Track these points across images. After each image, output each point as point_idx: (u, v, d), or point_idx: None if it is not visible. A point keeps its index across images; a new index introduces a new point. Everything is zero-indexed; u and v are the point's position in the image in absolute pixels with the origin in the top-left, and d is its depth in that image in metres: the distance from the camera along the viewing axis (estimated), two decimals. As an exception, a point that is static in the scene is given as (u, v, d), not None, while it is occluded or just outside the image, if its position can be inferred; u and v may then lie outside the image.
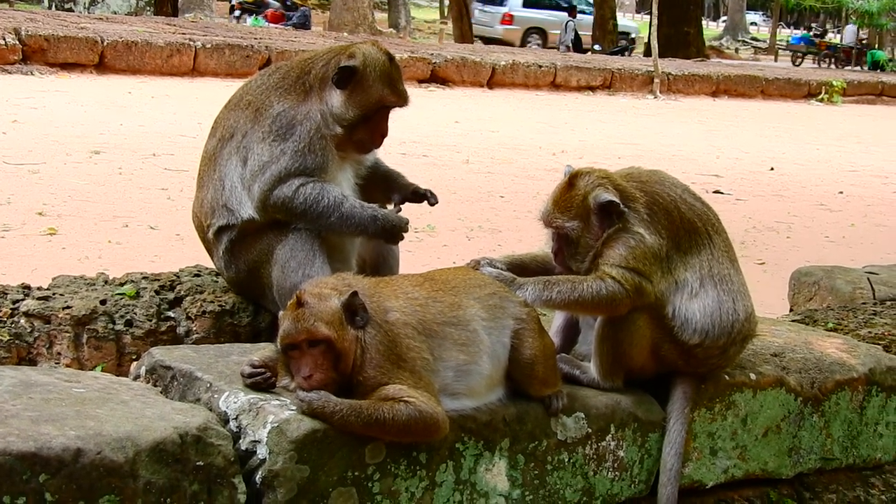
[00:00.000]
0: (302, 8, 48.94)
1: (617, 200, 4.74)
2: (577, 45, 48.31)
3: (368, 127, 5.43)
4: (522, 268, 5.00)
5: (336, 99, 5.36)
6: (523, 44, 52.34)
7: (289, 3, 49.82)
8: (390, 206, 5.68)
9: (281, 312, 4.11)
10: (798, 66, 58.02)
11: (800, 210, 15.97)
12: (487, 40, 51.07)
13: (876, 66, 54.11)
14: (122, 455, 3.61)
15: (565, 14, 51.84)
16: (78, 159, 14.39)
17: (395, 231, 5.40)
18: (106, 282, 5.69)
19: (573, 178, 4.85)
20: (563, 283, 4.70)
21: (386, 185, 5.73)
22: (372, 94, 5.39)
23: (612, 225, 4.75)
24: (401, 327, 4.14)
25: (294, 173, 5.27)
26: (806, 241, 13.71)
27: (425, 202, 5.74)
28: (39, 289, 5.53)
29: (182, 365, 4.38)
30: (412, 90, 5.67)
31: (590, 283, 4.68)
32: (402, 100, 5.50)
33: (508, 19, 55.73)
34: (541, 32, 55.99)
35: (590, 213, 4.77)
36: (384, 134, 5.53)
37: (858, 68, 55.47)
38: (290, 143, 5.29)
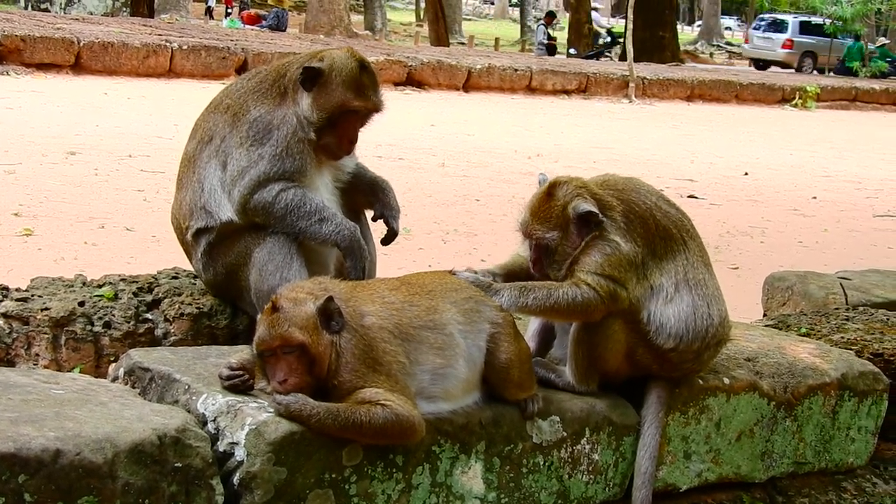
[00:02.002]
0: (275, 9, 48.84)
1: (596, 211, 4.77)
2: (551, 50, 48.37)
3: (336, 132, 5.41)
4: (514, 275, 5.04)
5: (305, 102, 5.36)
6: (799, 67, 58.64)
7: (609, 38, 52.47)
8: (370, 213, 5.72)
9: (258, 316, 4.14)
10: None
11: (773, 215, 16.02)
12: (766, 63, 60.75)
13: (848, 70, 54.05)
14: (101, 456, 3.63)
15: (835, 40, 56.93)
16: (54, 160, 14.35)
17: (362, 254, 5.40)
18: (84, 283, 5.69)
19: (551, 188, 4.88)
20: (539, 290, 4.73)
21: (372, 194, 5.71)
22: (335, 96, 5.35)
23: (591, 233, 4.79)
24: (377, 331, 4.17)
25: (273, 178, 5.29)
26: (779, 246, 13.76)
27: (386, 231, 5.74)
28: (18, 290, 5.53)
29: (160, 367, 4.40)
30: (387, 93, 5.65)
31: (565, 289, 4.71)
32: (367, 103, 5.43)
33: (789, 44, 61.49)
34: (812, 56, 61.08)
35: (569, 223, 4.80)
36: (352, 140, 5.49)
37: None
38: (267, 147, 5.31)
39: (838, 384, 5.62)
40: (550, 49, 48.27)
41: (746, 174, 20.02)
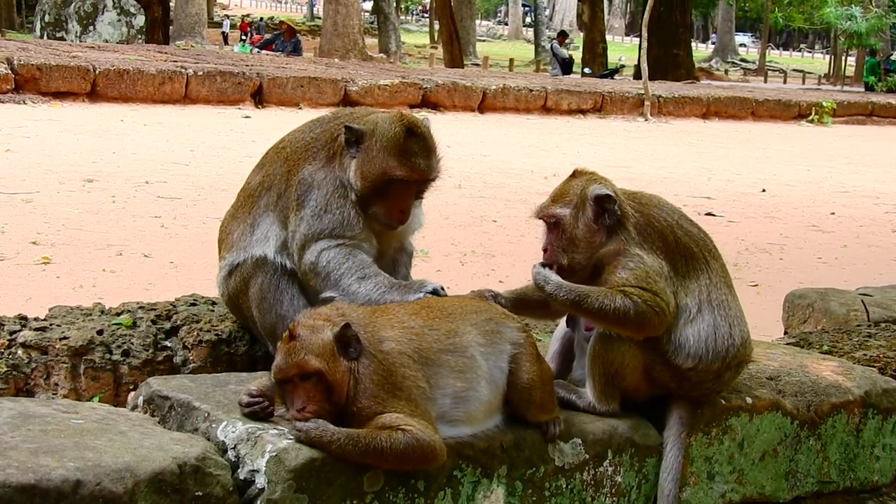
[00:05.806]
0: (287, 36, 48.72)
1: (613, 196, 4.76)
2: (566, 66, 48.16)
3: (385, 202, 5.06)
4: (525, 301, 5.03)
5: (351, 167, 5.07)
6: None
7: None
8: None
9: (278, 344, 4.13)
10: None
11: (792, 231, 15.98)
12: None
13: (866, 86, 53.92)
14: (122, 486, 3.61)
15: None
16: (71, 188, 14.38)
17: None
18: (103, 312, 5.69)
19: (574, 174, 4.96)
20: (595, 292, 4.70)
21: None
22: (376, 164, 5.00)
23: (605, 225, 4.77)
24: (396, 356, 4.16)
25: (312, 237, 5.06)
26: (799, 263, 13.71)
27: None
28: (36, 319, 5.53)
29: (179, 395, 4.38)
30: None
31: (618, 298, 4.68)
32: (413, 173, 5.03)
33: None
34: None
35: (585, 204, 4.80)
36: (403, 210, 5.10)
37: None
38: (307, 209, 5.09)
39: (862, 402, 5.58)
40: (566, 66, 47.87)
41: (764, 191, 19.97)
